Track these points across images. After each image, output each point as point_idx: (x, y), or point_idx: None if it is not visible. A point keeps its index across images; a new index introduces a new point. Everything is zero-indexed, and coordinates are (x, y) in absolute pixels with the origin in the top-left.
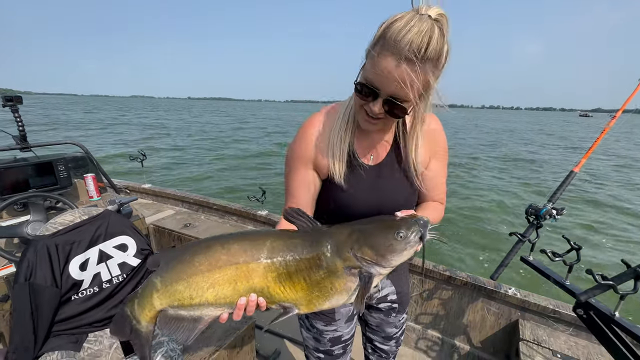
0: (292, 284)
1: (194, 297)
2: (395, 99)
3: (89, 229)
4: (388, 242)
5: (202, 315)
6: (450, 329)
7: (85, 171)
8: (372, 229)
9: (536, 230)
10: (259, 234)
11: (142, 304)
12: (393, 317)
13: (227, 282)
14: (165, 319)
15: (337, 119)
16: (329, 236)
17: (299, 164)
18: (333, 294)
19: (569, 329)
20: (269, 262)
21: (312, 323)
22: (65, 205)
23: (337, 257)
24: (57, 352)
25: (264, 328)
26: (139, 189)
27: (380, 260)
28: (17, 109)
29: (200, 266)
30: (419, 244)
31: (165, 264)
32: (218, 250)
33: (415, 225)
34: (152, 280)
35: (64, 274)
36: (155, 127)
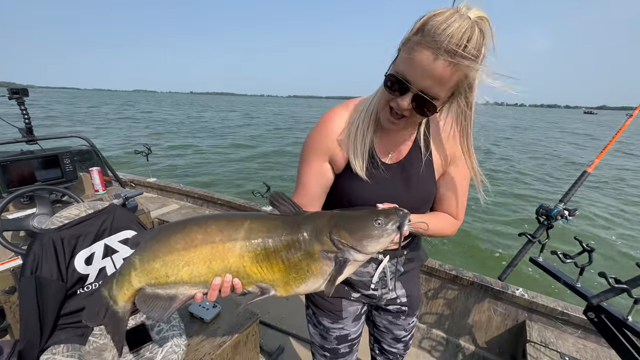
0: (269, 265)
1: (169, 275)
2: (426, 94)
3: (94, 223)
4: (365, 228)
5: (178, 293)
6: (456, 328)
7: (91, 165)
8: (351, 214)
9: (547, 231)
10: (238, 214)
11: (120, 283)
12: (402, 320)
13: (202, 261)
14: (143, 297)
15: (359, 113)
16: (309, 220)
17: (314, 155)
18: (309, 276)
19: (578, 331)
20: (246, 243)
21: (319, 320)
22: (71, 199)
23: (315, 240)
24: (63, 345)
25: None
26: (144, 182)
27: (356, 244)
28: (23, 101)
29: (177, 245)
30: (396, 233)
31: (144, 244)
32: (194, 229)
33: (394, 215)
34: (131, 259)
35: (69, 268)
36: (171, 124)
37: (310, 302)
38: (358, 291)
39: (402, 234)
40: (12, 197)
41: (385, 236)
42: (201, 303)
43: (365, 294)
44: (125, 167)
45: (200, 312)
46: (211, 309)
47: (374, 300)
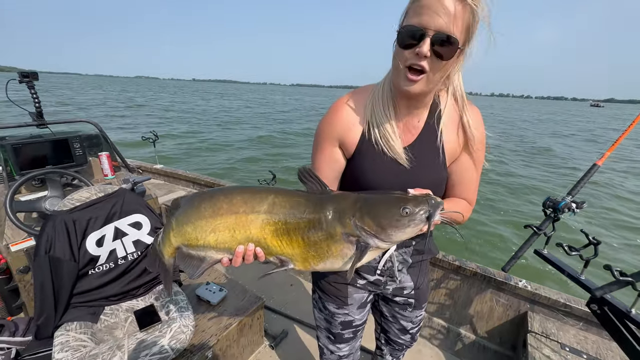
0: (289, 240)
1: (198, 239)
2: (445, 34)
3: (104, 206)
4: (391, 216)
5: (206, 256)
6: (457, 318)
7: (100, 150)
8: (378, 199)
9: (553, 224)
10: (264, 188)
11: (163, 240)
12: (409, 312)
13: (227, 229)
14: (180, 254)
15: (372, 97)
16: (334, 200)
17: (326, 141)
18: (328, 256)
19: (579, 323)
20: (268, 216)
21: (325, 304)
22: (81, 183)
23: (337, 222)
24: (75, 322)
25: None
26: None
27: (379, 232)
28: (33, 85)
29: (205, 212)
30: (424, 223)
31: (181, 207)
32: (221, 199)
33: (425, 203)
34: (170, 221)
35: (81, 249)
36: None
37: (316, 287)
38: (364, 277)
39: (432, 225)
40: (24, 179)
41: (412, 226)
42: (207, 287)
43: (370, 280)
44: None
45: (207, 295)
46: (217, 292)
47: (380, 287)
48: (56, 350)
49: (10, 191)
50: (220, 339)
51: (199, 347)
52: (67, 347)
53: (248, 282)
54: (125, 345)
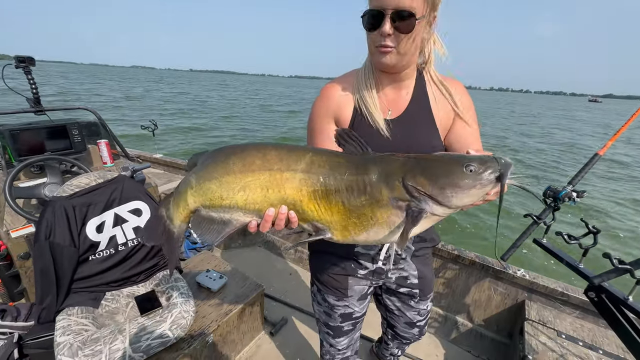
0: (328, 204)
1: (224, 198)
2: (401, 9)
3: (104, 192)
4: (452, 174)
5: (232, 218)
6: (455, 306)
7: (99, 138)
8: (433, 158)
9: (552, 213)
10: (300, 147)
11: (177, 201)
12: (414, 303)
13: (259, 187)
14: (198, 219)
15: (357, 77)
16: (379, 161)
17: (323, 121)
18: (372, 224)
19: (576, 311)
20: (306, 175)
21: (324, 297)
22: (80, 170)
23: (384, 185)
24: (77, 307)
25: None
26: (151, 158)
27: (437, 193)
28: (30, 70)
29: (234, 166)
30: (492, 185)
31: (201, 163)
32: (253, 154)
33: (493, 162)
34: (188, 178)
35: (81, 235)
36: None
37: (315, 279)
38: (365, 267)
39: (503, 188)
40: (23, 166)
41: (477, 187)
42: (208, 274)
43: (372, 269)
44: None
45: (208, 282)
46: (218, 279)
47: (382, 276)
48: (58, 334)
49: (9, 177)
50: (220, 325)
51: (200, 332)
52: (68, 331)
53: (248, 270)
54: (127, 330)
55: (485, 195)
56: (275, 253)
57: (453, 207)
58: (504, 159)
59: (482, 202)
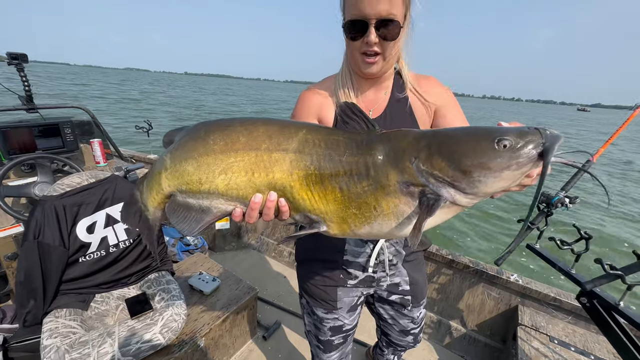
0: (323, 191)
1: (203, 182)
2: (385, 18)
3: (96, 192)
4: (480, 151)
5: (211, 206)
6: (448, 311)
7: (92, 137)
8: (455, 133)
9: (545, 219)
10: (293, 122)
11: (150, 184)
12: (407, 311)
13: (243, 170)
14: (173, 205)
15: (336, 81)
16: (386, 138)
17: (304, 119)
18: (377, 215)
19: (568, 317)
20: (298, 156)
21: (313, 309)
22: (72, 169)
23: (391, 167)
24: (65, 309)
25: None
26: (145, 159)
27: (459, 177)
28: (23, 67)
29: (214, 145)
30: (534, 164)
31: (178, 140)
32: (238, 130)
33: (535, 133)
34: (162, 158)
35: (71, 235)
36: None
37: (303, 291)
38: (355, 277)
39: (548, 166)
40: (13, 164)
41: (513, 167)
42: (200, 277)
43: (361, 278)
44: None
45: (200, 285)
46: (210, 282)
47: (373, 284)
48: (45, 336)
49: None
50: (212, 328)
51: (191, 335)
52: (56, 334)
53: (242, 273)
54: (116, 333)
55: (524, 178)
56: (270, 256)
57: (481, 194)
58: (548, 131)
59: (518, 188)
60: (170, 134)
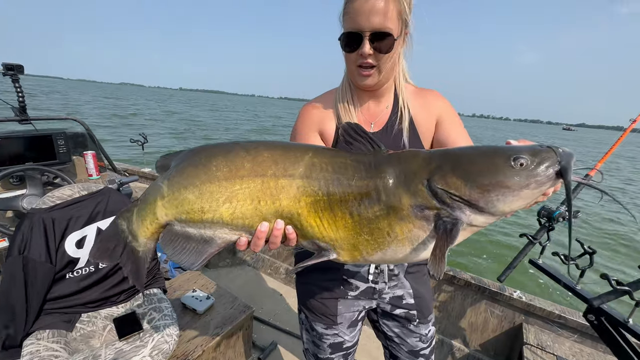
0: (332, 218)
1: (205, 211)
2: (379, 31)
3: (88, 205)
4: (497, 170)
5: (215, 236)
6: (451, 329)
7: (85, 150)
8: (467, 152)
9: (547, 233)
10: (299, 145)
11: (143, 213)
12: (414, 327)
13: (248, 198)
14: (170, 235)
15: (336, 95)
16: (395, 160)
17: (306, 134)
18: (390, 241)
19: (574, 335)
20: (305, 182)
21: (312, 325)
22: (63, 182)
23: (403, 190)
24: (48, 330)
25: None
26: (139, 172)
27: (477, 197)
28: (18, 78)
29: (218, 172)
30: (553, 182)
31: (176, 166)
32: (242, 155)
33: (549, 152)
34: (158, 184)
35: (59, 251)
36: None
37: (302, 305)
38: (356, 287)
39: (570, 187)
40: (0, 176)
41: (532, 186)
42: (194, 294)
43: (362, 289)
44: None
45: (193, 304)
46: (204, 300)
47: (375, 296)
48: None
49: None
50: (205, 350)
51: (183, 358)
52: (37, 357)
53: (237, 290)
54: (103, 356)
55: (540, 195)
56: (265, 272)
57: (498, 214)
58: (561, 149)
59: (528, 206)
60: (165, 159)
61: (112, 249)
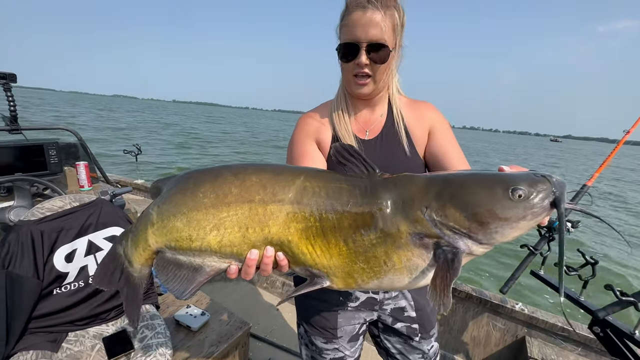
0: (325, 245)
1: (193, 239)
2: (375, 42)
3: (79, 217)
4: (496, 202)
5: (204, 264)
6: (453, 344)
7: (78, 160)
8: (465, 180)
9: (548, 244)
10: (290, 167)
11: (136, 239)
12: (416, 343)
13: (236, 225)
14: (162, 262)
15: (331, 105)
16: (392, 185)
17: (303, 143)
18: (387, 270)
19: (578, 348)
20: (295, 208)
21: (312, 339)
22: (53, 193)
23: (401, 217)
24: (32, 351)
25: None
26: (132, 184)
27: (476, 229)
28: (10, 87)
29: (205, 198)
30: (547, 212)
31: (166, 192)
32: (229, 180)
33: (544, 182)
34: (148, 212)
35: (47, 265)
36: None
37: (301, 319)
38: (356, 298)
39: (563, 217)
40: None
41: (529, 218)
42: (188, 310)
43: (363, 300)
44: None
45: (187, 320)
46: (199, 316)
47: (375, 307)
48: None
49: None
50: None
51: None
52: None
53: (232, 305)
54: None
55: (535, 224)
56: (261, 287)
57: (496, 244)
58: (555, 178)
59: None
60: (158, 184)
61: (111, 273)
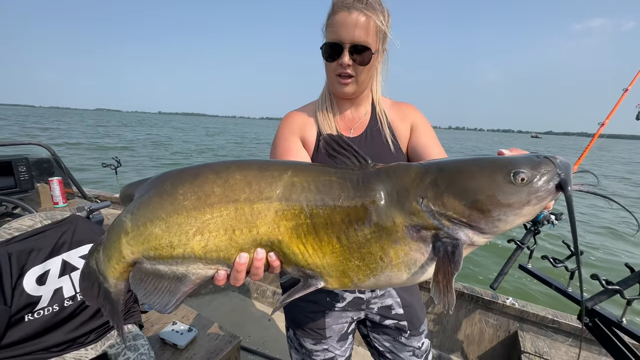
0: (317, 243)
1: (175, 246)
2: (358, 44)
3: (51, 236)
4: (497, 187)
5: (188, 272)
6: (447, 343)
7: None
8: (462, 165)
9: (534, 237)
10: (276, 162)
11: (108, 252)
12: (405, 340)
13: (221, 228)
14: (140, 274)
15: (316, 104)
16: (385, 175)
17: (287, 139)
18: (384, 267)
19: (568, 339)
20: (284, 205)
21: (301, 342)
22: (24, 212)
23: (396, 209)
24: None
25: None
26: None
27: (477, 218)
28: None
29: (185, 200)
30: (553, 195)
31: (140, 196)
32: (210, 178)
33: (548, 164)
34: (121, 219)
35: (16, 290)
36: None
37: (289, 321)
38: (342, 298)
39: (570, 200)
40: None
41: (533, 202)
42: (174, 327)
43: (349, 300)
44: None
45: (174, 338)
46: (186, 333)
47: (362, 307)
48: None
49: None
50: None
51: None
52: None
53: (221, 319)
54: None
55: (540, 209)
56: (252, 297)
57: (499, 232)
58: (559, 158)
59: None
60: (129, 188)
61: (90, 289)
